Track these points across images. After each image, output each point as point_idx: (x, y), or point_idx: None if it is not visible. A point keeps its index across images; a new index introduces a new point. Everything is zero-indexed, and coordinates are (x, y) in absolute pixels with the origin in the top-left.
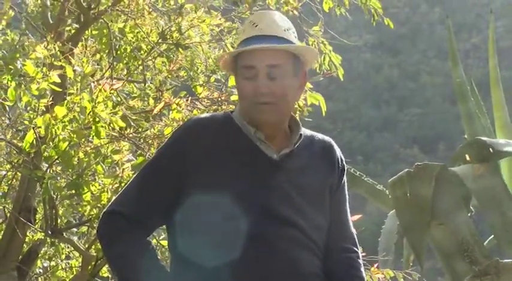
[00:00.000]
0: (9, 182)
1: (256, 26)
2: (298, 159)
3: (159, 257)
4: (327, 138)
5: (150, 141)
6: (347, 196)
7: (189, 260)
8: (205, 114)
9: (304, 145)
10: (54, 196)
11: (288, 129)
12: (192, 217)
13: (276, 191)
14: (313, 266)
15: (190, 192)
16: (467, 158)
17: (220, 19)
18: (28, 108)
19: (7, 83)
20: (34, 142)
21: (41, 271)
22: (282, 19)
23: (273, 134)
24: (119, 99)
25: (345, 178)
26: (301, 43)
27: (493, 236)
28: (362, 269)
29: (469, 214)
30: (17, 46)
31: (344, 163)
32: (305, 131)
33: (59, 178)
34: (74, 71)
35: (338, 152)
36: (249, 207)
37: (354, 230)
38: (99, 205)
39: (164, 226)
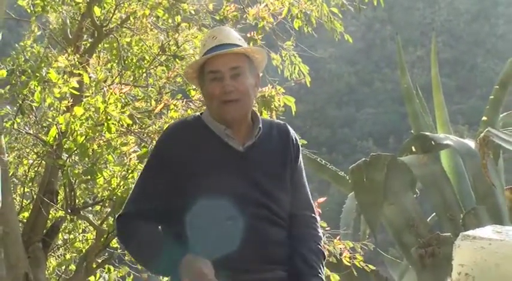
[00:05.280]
0: (35, 169)
1: (216, 38)
2: (261, 147)
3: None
4: (282, 123)
5: (152, 135)
6: (303, 170)
7: (180, 239)
8: (179, 120)
9: (264, 134)
10: (73, 181)
11: (250, 123)
12: (181, 206)
13: (246, 178)
14: (280, 237)
15: (179, 186)
16: (413, 149)
17: None
18: (51, 108)
19: (34, 87)
20: (56, 136)
21: (61, 242)
22: (235, 32)
23: (238, 129)
24: (127, 101)
25: (300, 155)
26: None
27: (434, 214)
28: (319, 229)
29: (414, 196)
30: (42, 57)
31: (299, 142)
32: (264, 121)
33: (76, 165)
34: (90, 77)
35: (292, 133)
36: (226, 194)
37: (310, 198)
38: (110, 188)
39: None
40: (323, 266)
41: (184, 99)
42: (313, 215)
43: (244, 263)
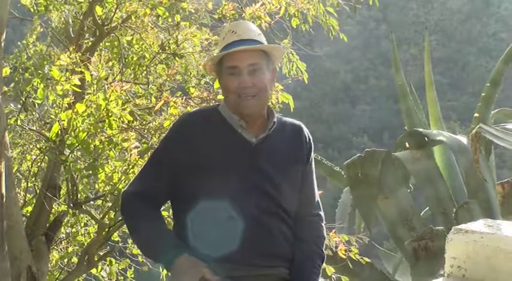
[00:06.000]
0: (38, 165)
1: (235, 33)
2: (273, 141)
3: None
4: (297, 122)
5: (152, 131)
6: (314, 170)
7: (187, 227)
8: (195, 109)
9: (277, 129)
10: (75, 176)
11: (265, 116)
12: (186, 194)
13: (256, 170)
14: (281, 229)
15: (186, 173)
16: (407, 145)
17: (208, 34)
18: (54, 105)
19: (37, 84)
20: (59, 132)
21: (64, 236)
22: (254, 26)
23: (253, 122)
24: (127, 98)
25: (312, 154)
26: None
27: (428, 208)
28: (323, 229)
29: (408, 190)
30: (45, 55)
31: (312, 141)
32: (279, 118)
33: (79, 161)
34: (91, 75)
35: (306, 132)
36: (235, 186)
37: (318, 196)
38: (111, 183)
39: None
40: (319, 272)
41: (184, 97)
42: (319, 212)
43: (248, 257)
